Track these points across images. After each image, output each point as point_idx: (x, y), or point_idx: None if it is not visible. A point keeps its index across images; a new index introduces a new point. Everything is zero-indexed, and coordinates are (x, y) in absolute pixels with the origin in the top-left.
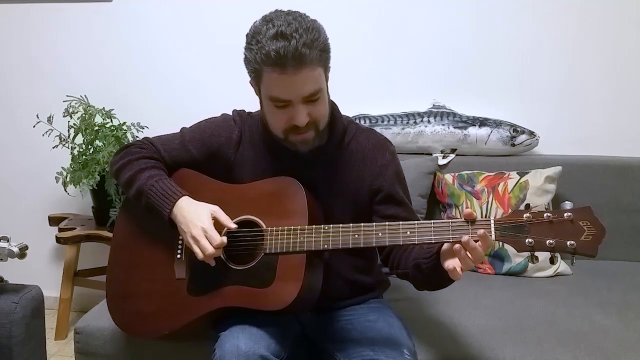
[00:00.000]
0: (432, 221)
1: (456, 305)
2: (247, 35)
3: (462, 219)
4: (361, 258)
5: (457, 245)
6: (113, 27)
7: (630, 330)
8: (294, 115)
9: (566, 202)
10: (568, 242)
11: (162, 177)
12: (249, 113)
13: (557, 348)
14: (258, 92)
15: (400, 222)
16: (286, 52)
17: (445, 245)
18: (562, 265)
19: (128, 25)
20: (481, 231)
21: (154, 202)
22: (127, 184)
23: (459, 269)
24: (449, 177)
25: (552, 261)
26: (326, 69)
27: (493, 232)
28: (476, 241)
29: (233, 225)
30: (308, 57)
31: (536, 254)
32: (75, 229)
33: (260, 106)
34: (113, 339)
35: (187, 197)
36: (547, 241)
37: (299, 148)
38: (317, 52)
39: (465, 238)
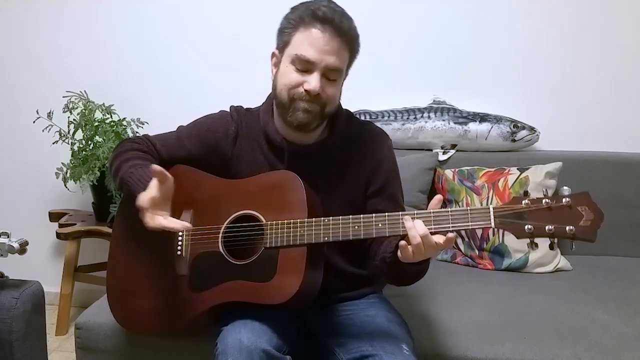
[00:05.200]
0: (432, 210)
1: (455, 300)
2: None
3: (463, 208)
4: (354, 250)
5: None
6: (113, 22)
7: (630, 325)
8: (310, 80)
9: (564, 187)
10: (567, 228)
11: (144, 166)
12: (247, 109)
13: (557, 343)
14: (279, 59)
15: (401, 212)
16: (333, 16)
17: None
18: (562, 261)
19: (128, 20)
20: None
21: (131, 188)
22: (114, 176)
23: (410, 248)
24: (449, 172)
25: (552, 247)
26: (350, 62)
27: (492, 220)
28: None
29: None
30: (346, 32)
31: (535, 240)
32: (75, 224)
33: (274, 76)
34: (114, 334)
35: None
36: (547, 227)
37: (299, 118)
38: (351, 36)
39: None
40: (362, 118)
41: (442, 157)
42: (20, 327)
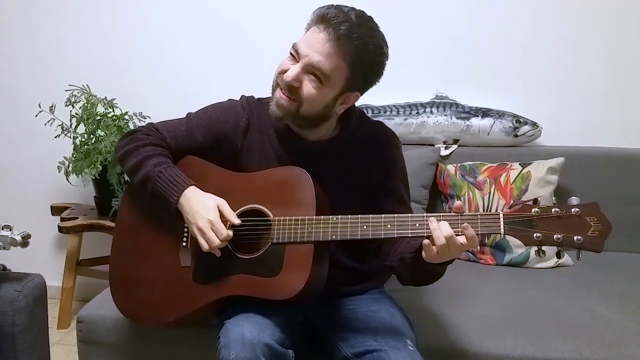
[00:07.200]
0: (441, 214)
1: (457, 295)
2: None
3: (473, 213)
4: (355, 246)
5: (437, 233)
6: (116, 16)
7: (631, 321)
8: (291, 69)
9: (573, 197)
10: (575, 237)
11: (170, 165)
12: (259, 99)
13: (558, 339)
14: None
15: (409, 215)
16: (335, 20)
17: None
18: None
19: (131, 14)
20: (467, 229)
21: (161, 189)
22: (133, 170)
23: (434, 248)
24: (451, 167)
25: (559, 255)
26: (350, 75)
27: (502, 226)
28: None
29: (237, 221)
30: (341, 38)
31: (543, 248)
32: (77, 218)
33: None
34: (116, 327)
35: (194, 187)
36: (555, 236)
37: (272, 109)
38: (351, 45)
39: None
40: (365, 112)
41: (444, 152)
42: (23, 319)
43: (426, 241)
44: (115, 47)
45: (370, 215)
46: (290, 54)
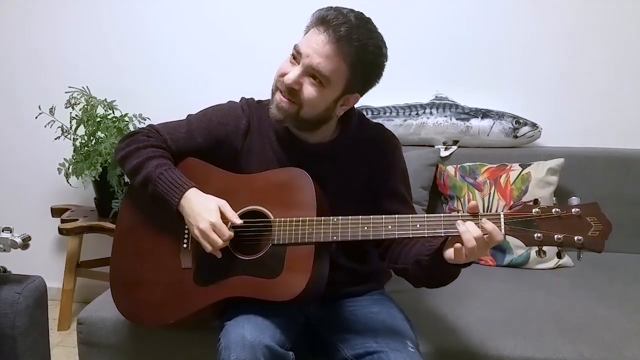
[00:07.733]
0: (442, 215)
1: (457, 296)
2: None
3: (472, 213)
4: (355, 247)
5: (464, 233)
6: (116, 18)
7: (631, 322)
8: (291, 71)
9: (573, 197)
10: (575, 237)
11: (171, 167)
12: (259, 101)
13: (558, 339)
14: None
15: (410, 215)
16: (335, 21)
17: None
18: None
19: (131, 16)
20: (490, 225)
21: (162, 190)
22: (133, 171)
23: (464, 251)
24: (451, 169)
25: (560, 255)
26: (351, 77)
27: (503, 227)
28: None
29: (239, 221)
30: (341, 39)
31: (544, 248)
32: (77, 220)
33: None
34: (116, 329)
35: (195, 188)
36: (555, 236)
37: (272, 112)
38: (351, 47)
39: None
40: (364, 114)
41: (444, 153)
42: (23, 321)
43: (457, 245)
44: (115, 48)
45: (371, 216)
46: (292, 55)
